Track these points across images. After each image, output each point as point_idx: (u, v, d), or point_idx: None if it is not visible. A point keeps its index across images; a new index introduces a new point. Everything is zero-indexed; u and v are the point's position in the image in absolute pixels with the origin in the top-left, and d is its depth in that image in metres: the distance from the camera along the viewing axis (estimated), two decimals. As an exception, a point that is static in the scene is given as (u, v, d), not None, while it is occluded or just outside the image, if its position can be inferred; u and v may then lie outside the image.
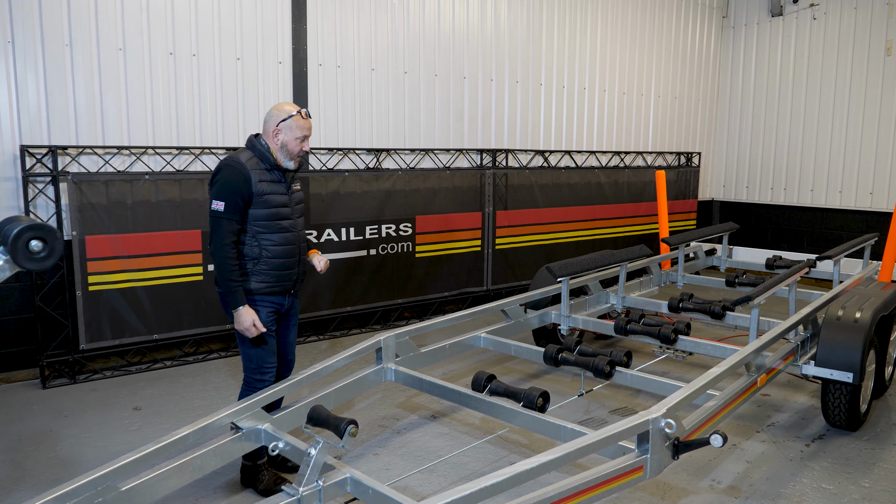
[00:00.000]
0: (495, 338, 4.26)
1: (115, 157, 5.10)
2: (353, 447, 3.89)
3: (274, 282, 3.27)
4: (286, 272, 3.30)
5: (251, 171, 3.15)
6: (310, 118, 3.29)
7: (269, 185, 3.20)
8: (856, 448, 3.92)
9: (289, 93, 5.87)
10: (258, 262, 3.22)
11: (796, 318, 4.07)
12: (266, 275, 3.24)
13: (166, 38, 5.27)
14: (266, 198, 3.18)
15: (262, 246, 3.21)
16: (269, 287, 3.26)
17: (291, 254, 3.31)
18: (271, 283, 3.27)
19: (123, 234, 5.01)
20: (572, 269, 4.68)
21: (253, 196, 3.14)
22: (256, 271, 3.23)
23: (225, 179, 3.13)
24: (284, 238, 3.27)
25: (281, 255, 3.26)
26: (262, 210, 3.18)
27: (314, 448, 2.46)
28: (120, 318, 5.07)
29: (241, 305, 3.15)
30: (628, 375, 3.60)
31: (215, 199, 3.13)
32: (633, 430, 2.60)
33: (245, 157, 3.19)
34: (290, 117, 3.20)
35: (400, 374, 3.69)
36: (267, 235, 3.22)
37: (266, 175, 3.20)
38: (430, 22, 6.66)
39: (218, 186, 3.14)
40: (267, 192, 3.18)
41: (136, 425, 4.23)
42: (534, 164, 7.59)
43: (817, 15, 8.73)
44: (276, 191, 3.23)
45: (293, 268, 3.34)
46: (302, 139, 3.23)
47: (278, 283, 3.29)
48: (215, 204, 3.13)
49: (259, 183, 3.16)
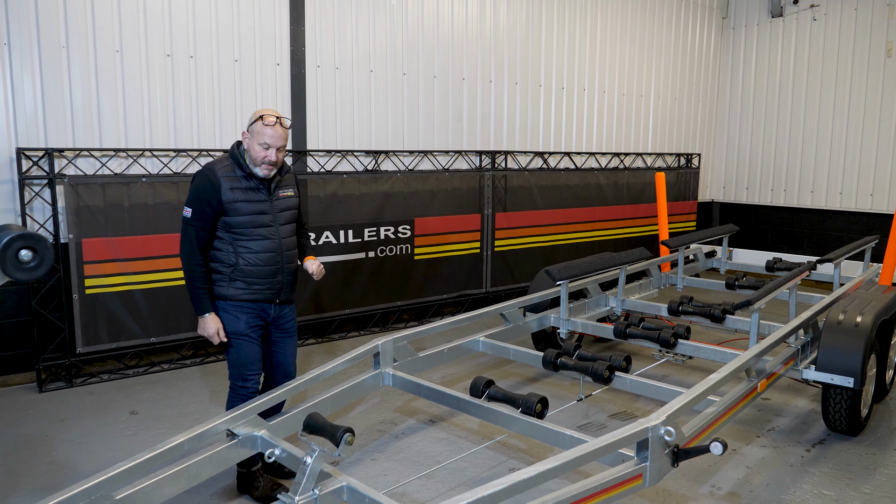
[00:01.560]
0: (494, 342, 4.23)
1: (112, 159, 5.07)
2: (350, 453, 3.86)
3: (253, 289, 3.21)
4: (266, 280, 3.23)
5: (223, 178, 3.10)
6: (281, 127, 3.11)
7: (242, 192, 3.13)
8: (857, 453, 3.90)
9: (287, 95, 5.84)
10: (235, 268, 3.17)
11: (797, 323, 4.05)
12: (243, 282, 3.19)
13: (163, 40, 5.24)
14: (237, 205, 3.12)
15: (238, 253, 3.16)
16: (247, 294, 3.21)
17: (271, 261, 3.22)
18: (250, 291, 3.21)
19: (120, 237, 4.99)
20: (571, 273, 4.65)
21: (222, 203, 3.09)
22: (234, 277, 3.18)
23: (195, 187, 3.12)
24: (263, 245, 3.19)
25: (259, 262, 3.19)
26: (235, 218, 3.13)
27: (310, 456, 2.43)
28: (117, 321, 5.05)
29: (207, 313, 3.15)
30: (628, 380, 3.57)
31: (186, 205, 3.13)
32: (633, 437, 2.57)
33: (221, 164, 3.15)
34: (255, 122, 3.11)
35: (398, 379, 3.66)
36: (244, 243, 3.16)
37: (241, 182, 3.14)
38: (429, 23, 6.64)
39: (189, 193, 3.14)
40: (239, 199, 3.12)
41: (133, 430, 4.21)
42: (533, 165, 7.57)
43: (817, 16, 8.71)
44: (250, 198, 3.15)
45: (275, 276, 3.25)
46: (265, 147, 3.08)
47: (258, 291, 3.23)
48: (185, 210, 3.12)
49: (230, 191, 3.10)
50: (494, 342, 4.23)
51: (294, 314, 3.51)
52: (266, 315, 3.32)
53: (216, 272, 3.19)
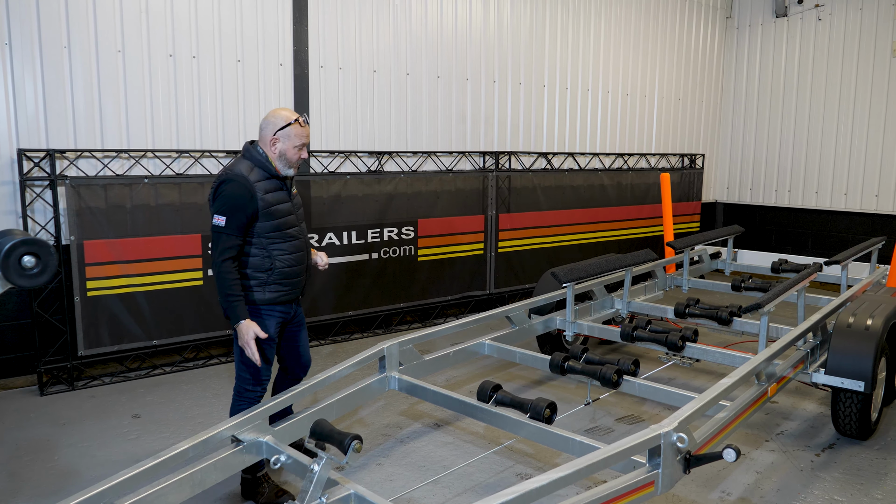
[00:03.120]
0: (500, 345, 4.19)
1: (114, 160, 5.03)
2: (356, 458, 3.81)
3: (286, 290, 3.24)
4: (297, 279, 3.28)
5: (254, 183, 3.07)
6: (308, 125, 3.22)
7: (272, 195, 3.13)
8: (867, 458, 3.86)
9: (290, 95, 5.80)
10: (272, 272, 3.17)
11: (806, 326, 4.01)
12: (279, 284, 3.20)
13: (166, 40, 5.20)
14: (272, 209, 3.12)
15: (273, 257, 3.16)
16: (281, 296, 3.22)
17: (301, 260, 3.28)
18: (284, 293, 3.23)
19: (122, 239, 4.95)
20: (577, 275, 4.61)
21: (259, 211, 3.08)
22: (270, 282, 3.18)
23: (229, 195, 3.04)
24: (294, 245, 3.23)
25: (292, 262, 3.23)
26: (270, 222, 3.12)
27: (317, 464, 2.40)
28: (119, 323, 5.01)
29: (243, 319, 3.06)
30: (636, 384, 3.53)
31: (217, 213, 3.05)
32: (645, 444, 2.53)
33: (246, 169, 3.09)
34: (288, 125, 3.11)
35: (403, 383, 3.62)
36: (278, 245, 3.17)
37: (269, 185, 3.12)
38: (433, 23, 6.59)
39: (220, 201, 3.05)
40: (272, 202, 3.12)
41: (135, 434, 4.17)
42: (537, 166, 7.53)
43: (822, 15, 8.66)
44: (280, 199, 3.16)
45: (303, 274, 3.32)
46: (300, 147, 3.15)
47: (290, 292, 3.27)
48: (217, 218, 3.05)
49: (264, 195, 3.09)
50: (500, 345, 4.19)
51: (301, 307, 3.53)
52: (287, 316, 3.33)
53: (251, 279, 3.16)
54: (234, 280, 3.06)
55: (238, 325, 3.06)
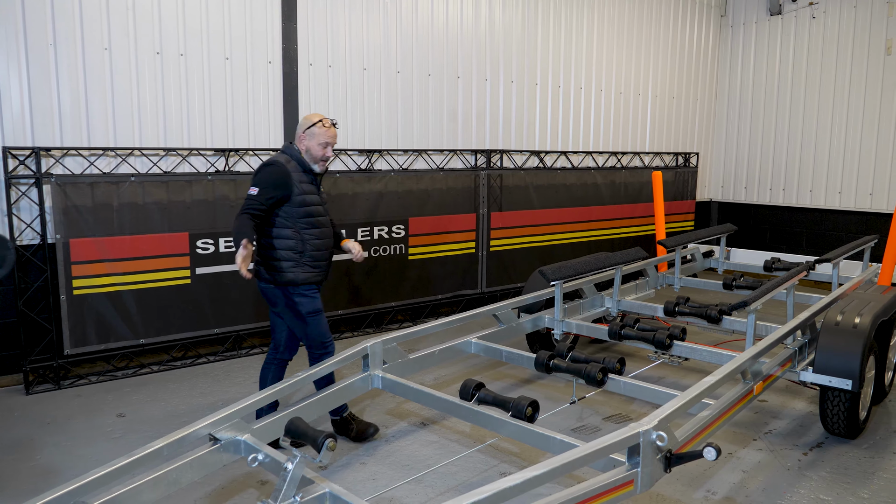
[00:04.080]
0: (486, 343, 4.17)
1: (101, 158, 5.00)
2: (339, 456, 3.80)
3: (316, 271, 3.71)
4: (324, 262, 3.76)
5: (293, 173, 3.56)
6: (335, 127, 3.67)
7: (306, 185, 3.61)
8: (855, 457, 3.83)
9: (279, 93, 5.77)
10: (303, 254, 3.64)
11: (794, 324, 3.98)
12: (310, 265, 3.67)
13: (153, 38, 5.17)
14: (304, 197, 3.59)
15: (305, 240, 3.63)
16: (312, 276, 3.70)
17: (327, 246, 3.76)
18: (314, 273, 3.70)
19: (109, 237, 4.92)
20: (566, 273, 4.58)
21: (292, 195, 3.54)
22: (302, 263, 3.65)
23: (268, 174, 3.52)
24: (322, 232, 3.70)
25: (321, 247, 3.70)
26: (302, 208, 3.58)
27: (291, 462, 2.37)
28: (105, 322, 4.98)
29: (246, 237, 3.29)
30: (621, 383, 3.50)
31: (253, 185, 3.51)
32: (624, 442, 2.50)
33: (285, 161, 3.57)
34: (313, 125, 3.60)
35: (387, 382, 3.60)
36: (308, 231, 3.64)
37: (303, 177, 3.60)
38: (423, 21, 6.57)
39: (259, 177, 3.52)
40: (305, 191, 3.59)
41: (119, 433, 4.14)
42: (529, 164, 7.50)
43: (816, 14, 8.64)
44: (310, 191, 3.63)
45: (328, 259, 3.79)
46: (325, 145, 3.62)
47: (319, 273, 3.74)
48: (251, 189, 3.50)
49: (299, 184, 3.57)
50: (487, 343, 4.16)
51: None
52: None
53: (287, 260, 3.62)
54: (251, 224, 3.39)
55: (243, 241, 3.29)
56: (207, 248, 5.33)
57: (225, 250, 5.40)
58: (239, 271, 3.26)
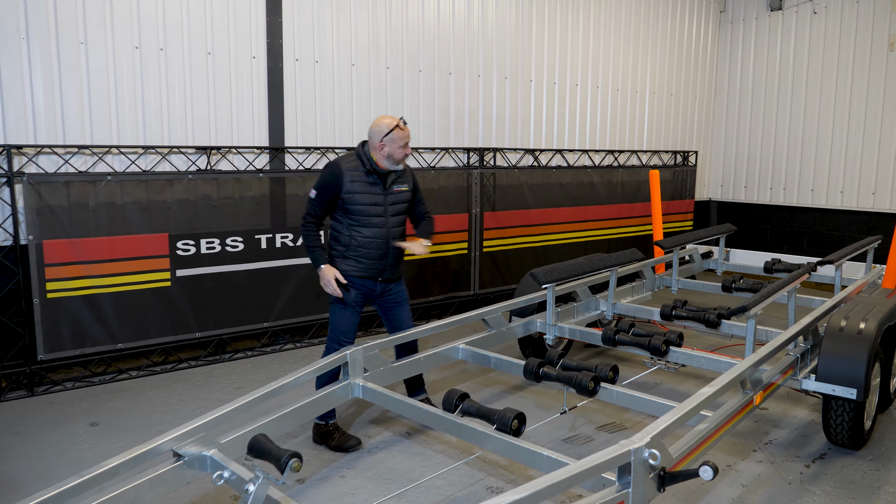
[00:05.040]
0: (475, 349, 3.98)
1: (76, 156, 4.82)
2: (319, 468, 3.62)
3: (361, 268, 3.80)
4: (372, 262, 3.81)
5: (346, 171, 3.70)
6: (407, 126, 3.78)
7: (361, 185, 3.72)
8: (859, 469, 3.65)
9: (263, 89, 5.59)
10: (348, 249, 3.78)
11: (796, 329, 3.80)
12: (354, 261, 3.79)
13: (131, 32, 4.99)
14: (355, 196, 3.71)
15: (352, 236, 3.76)
16: (356, 270, 3.80)
17: (378, 246, 3.80)
18: (358, 268, 3.80)
19: (84, 238, 4.74)
20: (558, 275, 4.40)
21: (342, 193, 3.70)
22: (347, 256, 3.79)
23: (323, 175, 3.76)
24: (373, 232, 3.77)
25: (368, 246, 3.78)
26: (352, 206, 3.72)
27: (253, 483, 2.19)
28: (81, 326, 4.80)
29: (322, 265, 3.75)
30: (614, 392, 3.31)
31: (313, 188, 3.77)
32: (614, 461, 2.32)
33: (347, 160, 3.76)
34: (391, 132, 3.69)
35: (368, 391, 3.42)
36: (358, 228, 3.76)
37: (361, 177, 3.73)
38: (414, 15, 6.38)
39: (318, 178, 3.79)
40: (357, 191, 3.71)
41: (91, 443, 3.96)
42: (523, 163, 7.32)
43: (818, 9, 8.45)
44: (367, 191, 3.74)
45: (381, 259, 3.83)
46: (404, 146, 3.75)
47: (365, 270, 3.81)
48: (312, 191, 3.77)
49: (351, 183, 3.70)
50: (475, 349, 3.98)
51: (404, 287, 4.08)
52: (372, 291, 3.90)
53: (333, 249, 3.84)
54: (314, 236, 3.77)
55: (319, 270, 3.76)
56: (188, 249, 5.15)
57: (206, 251, 5.22)
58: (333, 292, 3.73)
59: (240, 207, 5.36)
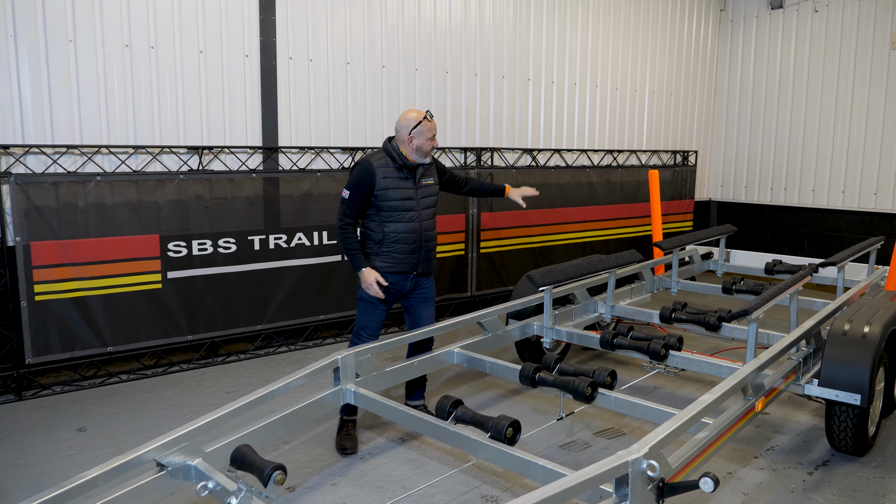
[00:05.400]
0: (470, 353, 3.90)
1: (65, 156, 4.73)
2: (310, 476, 3.53)
3: (393, 263, 3.80)
4: (406, 256, 3.82)
5: (378, 168, 3.70)
6: (433, 119, 3.80)
7: (393, 181, 3.73)
8: (863, 476, 3.56)
9: (256, 88, 5.50)
10: (381, 244, 3.78)
11: (798, 333, 3.72)
12: (387, 256, 3.79)
13: (122, 29, 4.90)
14: (388, 192, 3.72)
15: (384, 232, 3.77)
16: (389, 266, 3.80)
17: (412, 241, 3.81)
18: (391, 264, 3.80)
19: (73, 240, 4.66)
20: (555, 278, 4.31)
21: (375, 189, 3.69)
22: (379, 252, 3.79)
23: (355, 174, 3.75)
24: (406, 227, 3.78)
25: (402, 241, 3.79)
26: (385, 202, 3.72)
27: (236, 497, 2.11)
28: (70, 329, 4.72)
29: (363, 268, 3.75)
30: (612, 398, 3.23)
31: (345, 188, 3.75)
32: (611, 473, 2.24)
33: (377, 157, 3.76)
34: (419, 124, 3.71)
35: (360, 397, 3.33)
36: (390, 224, 3.76)
37: (393, 173, 3.73)
38: (410, 13, 6.29)
39: (350, 178, 3.78)
40: (390, 187, 3.72)
41: (78, 449, 3.88)
42: (521, 163, 7.23)
43: (819, 7, 8.36)
44: (399, 185, 3.75)
45: (414, 252, 3.84)
46: (432, 138, 3.77)
47: (398, 265, 3.81)
48: (344, 192, 3.76)
49: (383, 179, 3.71)
50: (470, 354, 3.90)
51: (432, 284, 4.09)
52: (403, 286, 3.91)
53: (367, 246, 3.83)
54: (352, 238, 3.76)
55: (360, 273, 3.76)
56: (180, 250, 5.07)
57: (198, 253, 5.14)
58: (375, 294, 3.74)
59: (232, 208, 5.27)
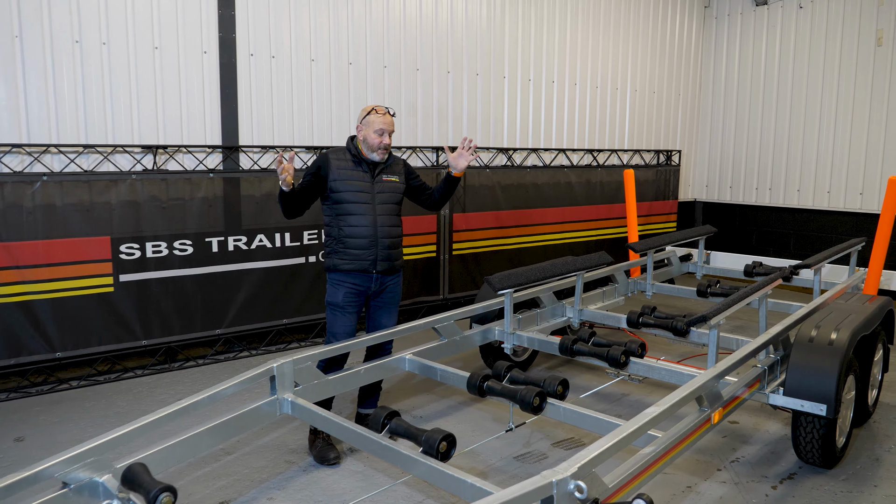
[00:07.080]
0: (421, 360, 3.73)
1: (9, 155, 4.56)
2: (248, 488, 3.36)
3: (350, 259, 3.72)
4: (361, 252, 3.71)
5: (333, 159, 3.69)
6: (388, 114, 3.69)
7: (347, 172, 3.68)
8: (830, 490, 3.39)
9: (215, 85, 5.34)
10: (337, 241, 3.73)
11: (764, 339, 3.55)
12: (343, 253, 3.72)
13: (71, 25, 4.74)
14: (339, 183, 3.67)
15: (339, 226, 3.72)
16: (346, 264, 3.72)
17: (366, 235, 3.71)
18: (348, 261, 3.72)
19: (19, 242, 4.49)
20: (515, 281, 4.13)
21: (327, 180, 3.67)
22: (337, 249, 3.73)
23: (314, 160, 3.77)
24: (359, 220, 3.70)
25: (355, 235, 3.70)
26: (336, 194, 3.68)
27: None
28: (15, 334, 4.55)
29: None
30: (561, 409, 3.06)
31: None
32: (534, 494, 2.07)
33: (336, 150, 3.77)
34: (368, 114, 3.67)
35: (297, 407, 3.16)
36: (344, 217, 3.70)
37: (349, 166, 3.70)
38: (378, 8, 6.13)
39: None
40: (343, 178, 3.67)
41: (10, 461, 3.71)
42: (496, 162, 7.06)
43: (804, 3, 8.19)
44: (353, 178, 3.69)
45: (370, 248, 3.72)
46: (380, 133, 3.65)
47: (355, 261, 3.72)
48: None
49: (337, 170, 3.67)
50: (422, 361, 3.73)
51: (398, 287, 3.97)
52: (367, 288, 3.80)
53: (327, 245, 3.80)
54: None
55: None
56: (133, 253, 4.90)
57: (153, 255, 4.97)
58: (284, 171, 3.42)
59: (190, 209, 5.10)
